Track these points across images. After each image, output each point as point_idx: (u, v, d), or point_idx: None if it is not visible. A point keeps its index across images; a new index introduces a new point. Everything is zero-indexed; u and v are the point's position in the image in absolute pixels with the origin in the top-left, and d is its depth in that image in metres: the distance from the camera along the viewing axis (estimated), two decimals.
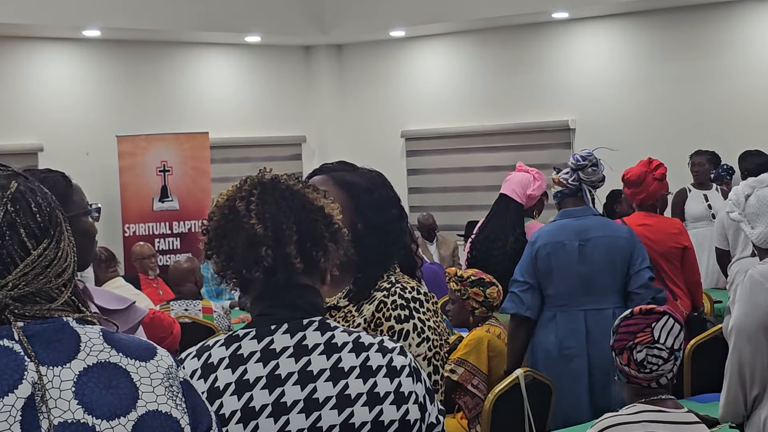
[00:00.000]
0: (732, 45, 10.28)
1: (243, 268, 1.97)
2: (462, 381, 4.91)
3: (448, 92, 12.00)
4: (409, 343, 2.39)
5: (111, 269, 7.38)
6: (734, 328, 3.55)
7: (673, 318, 3.14)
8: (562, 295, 5.01)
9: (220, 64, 11.99)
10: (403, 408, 1.95)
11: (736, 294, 3.60)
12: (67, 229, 1.58)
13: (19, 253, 1.50)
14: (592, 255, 5.00)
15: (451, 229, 10.98)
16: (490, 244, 5.91)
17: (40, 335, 1.48)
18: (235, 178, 2.14)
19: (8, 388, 1.41)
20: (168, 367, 1.56)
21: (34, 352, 1.45)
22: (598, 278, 4.99)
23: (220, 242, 2.00)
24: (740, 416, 3.60)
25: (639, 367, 3.08)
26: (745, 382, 3.53)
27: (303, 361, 1.93)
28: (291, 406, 1.90)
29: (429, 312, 2.45)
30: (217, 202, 2.03)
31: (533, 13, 10.84)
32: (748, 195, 3.76)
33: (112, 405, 1.47)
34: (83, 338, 1.50)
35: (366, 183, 2.59)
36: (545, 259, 5.04)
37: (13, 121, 10.39)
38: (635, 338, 3.10)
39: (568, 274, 5.01)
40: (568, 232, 5.06)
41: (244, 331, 1.95)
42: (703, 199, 8.75)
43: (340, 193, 2.52)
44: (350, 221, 2.48)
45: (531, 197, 6.01)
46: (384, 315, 2.43)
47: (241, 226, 1.97)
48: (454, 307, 5.34)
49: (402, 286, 2.47)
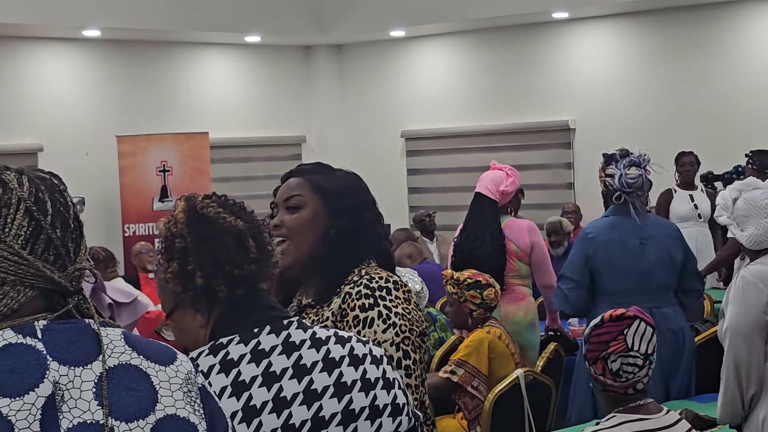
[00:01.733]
0: (732, 45, 10.28)
1: (236, 266, 1.98)
2: (462, 382, 4.90)
3: (448, 92, 12.00)
4: (374, 330, 2.38)
5: (110, 269, 7.38)
6: (729, 329, 3.55)
7: (644, 321, 3.07)
8: (620, 293, 5.04)
9: (220, 64, 11.99)
10: (392, 393, 2.02)
11: (729, 296, 3.61)
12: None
13: (77, 240, 1.56)
14: (651, 253, 5.07)
15: (451, 229, 10.91)
16: (471, 244, 5.93)
17: (62, 335, 1.48)
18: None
19: (29, 387, 1.41)
20: (187, 372, 1.56)
21: (56, 351, 1.45)
22: (654, 276, 5.06)
23: (202, 250, 1.99)
24: (739, 417, 3.60)
25: (615, 376, 3.01)
26: (742, 382, 3.53)
27: (294, 356, 1.95)
28: (291, 399, 1.92)
29: (398, 299, 2.44)
30: (174, 222, 2.03)
31: (533, 13, 10.84)
32: (736, 198, 3.79)
33: (132, 407, 1.47)
34: (105, 340, 1.50)
35: (340, 188, 2.57)
36: (602, 257, 5.09)
37: (13, 121, 10.39)
38: (608, 347, 3.02)
39: (626, 272, 5.06)
40: (625, 229, 5.10)
41: (227, 339, 1.95)
42: (689, 199, 8.77)
43: (314, 197, 2.54)
44: (324, 226, 2.52)
45: (505, 193, 6.02)
46: (349, 305, 2.43)
47: (223, 227, 2.00)
48: (452, 309, 5.33)
49: (370, 277, 2.48)
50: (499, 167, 6.18)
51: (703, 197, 8.85)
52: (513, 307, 5.95)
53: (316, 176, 2.60)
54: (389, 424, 2.01)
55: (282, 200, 2.58)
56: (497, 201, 6.00)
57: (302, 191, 2.55)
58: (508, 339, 5.16)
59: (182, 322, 2.05)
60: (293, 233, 2.52)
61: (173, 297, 2.03)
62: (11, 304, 1.48)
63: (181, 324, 2.05)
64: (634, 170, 5.04)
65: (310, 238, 2.51)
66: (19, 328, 1.46)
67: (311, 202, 2.54)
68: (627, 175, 5.02)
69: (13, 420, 1.38)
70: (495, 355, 5.01)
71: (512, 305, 5.95)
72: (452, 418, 5.21)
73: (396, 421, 2.02)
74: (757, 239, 3.66)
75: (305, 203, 2.54)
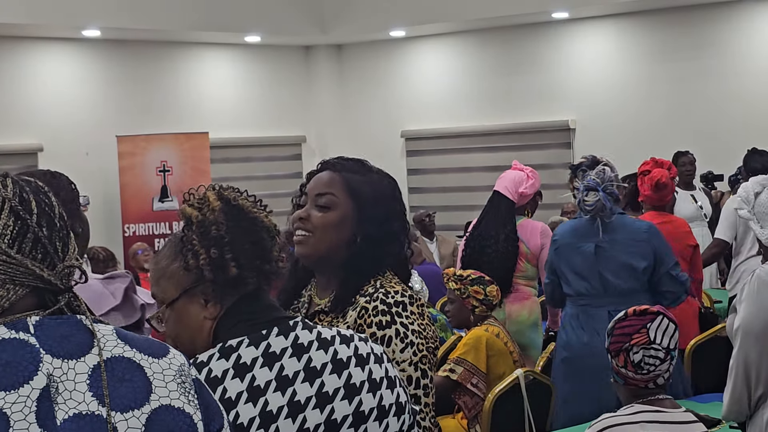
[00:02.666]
0: (732, 45, 10.29)
1: (266, 261, 1.99)
2: (461, 380, 4.90)
3: (447, 92, 12.00)
4: (392, 349, 2.34)
5: (110, 269, 7.38)
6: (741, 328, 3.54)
7: (667, 318, 3.13)
8: (580, 295, 5.06)
9: (220, 64, 12.00)
10: (395, 392, 2.02)
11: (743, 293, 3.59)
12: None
13: (64, 239, 1.57)
14: (608, 258, 5.01)
15: (451, 229, 10.97)
16: (483, 242, 5.92)
17: (55, 330, 1.50)
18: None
19: (24, 380, 1.43)
20: (180, 364, 1.58)
21: (48, 345, 1.47)
22: (612, 280, 5.00)
23: (240, 241, 1.98)
24: (744, 415, 3.59)
25: (636, 368, 3.06)
26: (751, 382, 3.52)
27: (305, 358, 1.95)
28: (305, 403, 1.92)
29: (413, 315, 2.40)
30: (210, 210, 2.00)
31: (533, 13, 10.84)
32: (758, 192, 3.74)
33: (126, 397, 1.49)
34: (97, 334, 1.52)
35: (374, 194, 2.49)
36: (563, 260, 5.10)
37: (13, 121, 10.39)
38: (631, 339, 3.08)
39: (584, 276, 5.04)
40: (585, 234, 5.07)
41: (237, 341, 1.94)
42: (692, 199, 8.75)
43: (347, 200, 2.46)
44: (351, 230, 2.45)
45: (523, 195, 6.00)
46: (366, 321, 2.38)
47: (257, 220, 2.00)
48: (453, 306, 5.33)
49: (385, 291, 2.42)
50: (520, 168, 6.12)
51: (703, 196, 8.85)
52: (517, 306, 5.97)
53: (353, 176, 2.50)
54: (395, 423, 2.01)
55: (313, 194, 2.48)
56: (515, 202, 5.98)
57: (336, 191, 2.46)
58: (507, 337, 5.16)
59: (185, 312, 2.02)
60: (318, 230, 2.45)
61: (183, 283, 2.01)
62: (2, 303, 1.49)
63: (184, 314, 2.02)
64: (592, 196, 4.95)
65: (334, 239, 2.45)
66: (11, 324, 1.48)
67: (343, 204, 2.46)
68: (584, 202, 4.97)
69: (8, 412, 1.40)
70: (493, 353, 5.01)
71: (516, 304, 5.97)
72: (452, 418, 5.21)
73: (400, 420, 2.03)
74: None
75: (336, 204, 2.45)
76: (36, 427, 1.40)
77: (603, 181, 4.97)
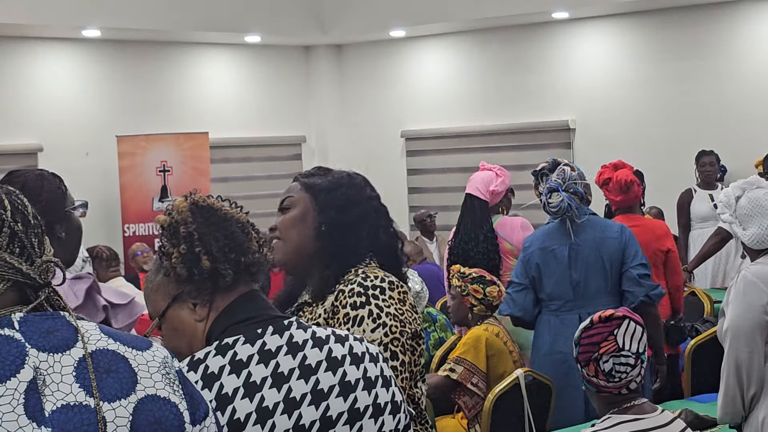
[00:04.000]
0: (732, 45, 10.29)
1: (242, 254, 1.99)
2: (461, 379, 4.91)
3: (448, 92, 12.00)
4: (363, 328, 2.42)
5: (112, 269, 7.37)
6: (730, 329, 3.54)
7: (633, 321, 3.06)
8: (557, 299, 5.03)
9: (220, 64, 12.00)
10: (390, 391, 2.06)
11: (730, 296, 3.61)
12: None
13: (40, 237, 1.59)
14: (582, 259, 4.98)
15: (451, 229, 10.93)
16: (465, 246, 5.92)
17: (39, 325, 1.52)
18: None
19: (10, 373, 1.45)
20: (164, 357, 1.61)
21: (34, 340, 1.49)
22: (588, 281, 4.98)
23: (209, 234, 2.00)
24: (739, 417, 3.60)
25: (607, 377, 3.00)
26: (743, 383, 3.53)
27: (300, 356, 1.97)
28: (300, 400, 1.94)
29: (391, 299, 2.46)
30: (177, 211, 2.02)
31: (533, 13, 10.84)
32: (739, 197, 3.77)
33: (113, 388, 1.51)
34: (81, 329, 1.54)
35: (329, 184, 2.65)
36: (536, 265, 5.05)
37: (12, 121, 10.39)
38: (600, 348, 3.01)
39: (558, 279, 5.01)
40: (558, 237, 5.04)
41: (232, 339, 1.96)
42: (709, 199, 8.71)
43: (304, 195, 2.63)
44: (314, 222, 2.60)
45: (495, 193, 6.02)
46: (341, 303, 2.48)
47: (228, 215, 2.03)
48: (454, 303, 5.37)
49: (365, 276, 2.50)
50: (488, 168, 6.19)
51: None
52: None
53: (309, 177, 2.68)
54: (390, 422, 2.04)
55: (278, 206, 2.67)
56: (488, 201, 6.01)
57: (293, 192, 2.65)
58: (507, 337, 5.17)
59: (178, 319, 2.04)
60: (283, 232, 2.61)
61: (170, 291, 2.02)
62: None
63: (177, 322, 2.04)
64: (555, 197, 4.93)
65: (299, 234, 2.60)
66: None
67: (301, 201, 2.63)
68: (549, 204, 4.95)
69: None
70: (493, 353, 5.02)
71: None
72: (452, 418, 5.21)
73: (396, 419, 2.05)
74: (759, 239, 3.65)
75: (295, 203, 2.63)
76: (25, 419, 1.42)
77: (564, 181, 4.95)
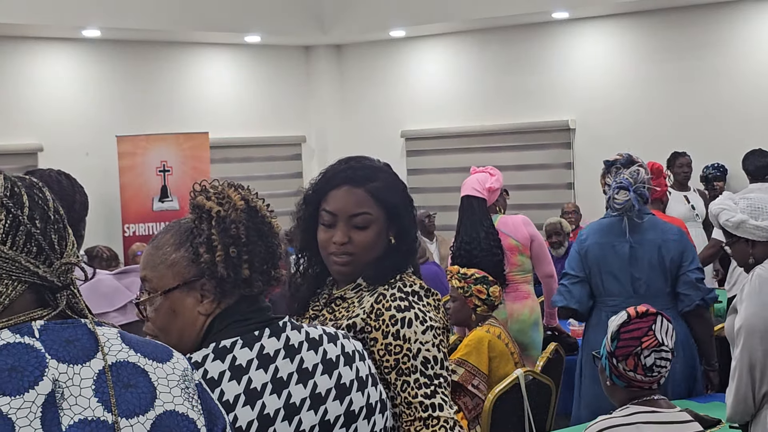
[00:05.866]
0: (732, 45, 10.28)
1: (274, 267, 2.00)
2: (462, 381, 4.90)
3: (448, 92, 12.00)
4: (414, 330, 2.34)
5: (112, 268, 7.38)
6: (743, 328, 3.53)
7: (665, 318, 3.11)
8: (611, 295, 5.03)
9: (220, 64, 11.99)
10: (378, 389, 2.07)
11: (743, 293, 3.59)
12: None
13: (61, 233, 1.56)
14: (641, 258, 4.99)
15: (451, 229, 10.87)
16: (468, 247, 5.93)
17: (59, 334, 1.49)
18: (235, 178, 2.14)
19: (29, 385, 1.42)
20: (184, 369, 1.58)
21: (54, 350, 1.46)
22: (651, 281, 4.98)
23: (257, 244, 1.98)
24: (748, 415, 3.59)
25: (646, 371, 3.03)
26: (755, 381, 3.52)
27: (297, 360, 1.97)
28: (300, 405, 1.94)
29: (428, 306, 2.42)
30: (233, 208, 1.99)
31: (533, 13, 10.84)
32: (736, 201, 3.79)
33: (132, 403, 1.48)
34: (101, 339, 1.51)
35: (403, 201, 2.51)
36: (594, 258, 5.06)
37: (12, 121, 10.39)
38: (641, 343, 3.04)
39: (617, 275, 5.02)
40: (617, 232, 5.04)
41: (230, 341, 1.94)
42: (684, 200, 8.76)
43: (380, 213, 2.47)
44: (387, 235, 2.48)
45: (491, 191, 6.07)
46: (384, 305, 2.38)
47: (272, 227, 2.02)
48: (455, 305, 5.32)
49: (403, 282, 2.45)
50: (480, 170, 6.25)
51: (697, 197, 8.86)
52: (518, 305, 6.01)
53: (374, 185, 2.48)
54: (380, 420, 2.05)
55: (347, 216, 2.46)
56: (486, 199, 6.04)
57: (368, 208, 2.45)
58: (508, 338, 5.16)
59: (181, 303, 2.00)
60: (360, 251, 2.45)
61: (185, 273, 1.99)
62: (2, 300, 1.48)
63: (178, 305, 2.00)
64: (623, 195, 4.95)
65: (376, 252, 2.46)
66: (16, 329, 1.47)
67: (377, 218, 2.46)
68: (614, 200, 4.96)
69: (13, 418, 1.39)
70: (495, 354, 5.01)
71: (517, 303, 6.01)
72: None
73: (384, 417, 2.07)
74: None
75: (371, 221, 2.46)
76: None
77: (636, 182, 4.97)
